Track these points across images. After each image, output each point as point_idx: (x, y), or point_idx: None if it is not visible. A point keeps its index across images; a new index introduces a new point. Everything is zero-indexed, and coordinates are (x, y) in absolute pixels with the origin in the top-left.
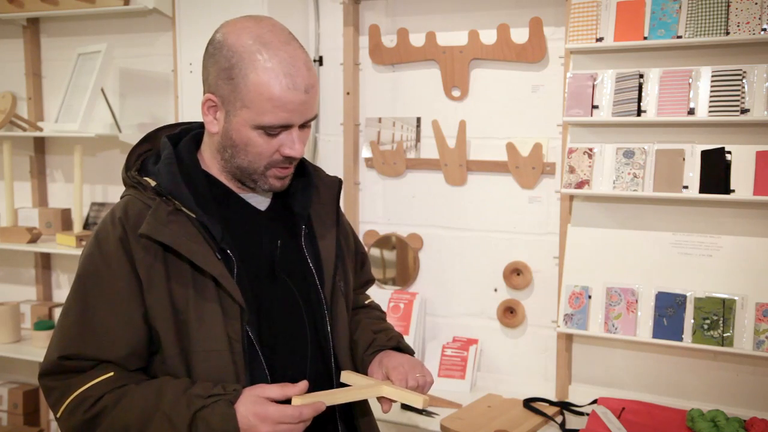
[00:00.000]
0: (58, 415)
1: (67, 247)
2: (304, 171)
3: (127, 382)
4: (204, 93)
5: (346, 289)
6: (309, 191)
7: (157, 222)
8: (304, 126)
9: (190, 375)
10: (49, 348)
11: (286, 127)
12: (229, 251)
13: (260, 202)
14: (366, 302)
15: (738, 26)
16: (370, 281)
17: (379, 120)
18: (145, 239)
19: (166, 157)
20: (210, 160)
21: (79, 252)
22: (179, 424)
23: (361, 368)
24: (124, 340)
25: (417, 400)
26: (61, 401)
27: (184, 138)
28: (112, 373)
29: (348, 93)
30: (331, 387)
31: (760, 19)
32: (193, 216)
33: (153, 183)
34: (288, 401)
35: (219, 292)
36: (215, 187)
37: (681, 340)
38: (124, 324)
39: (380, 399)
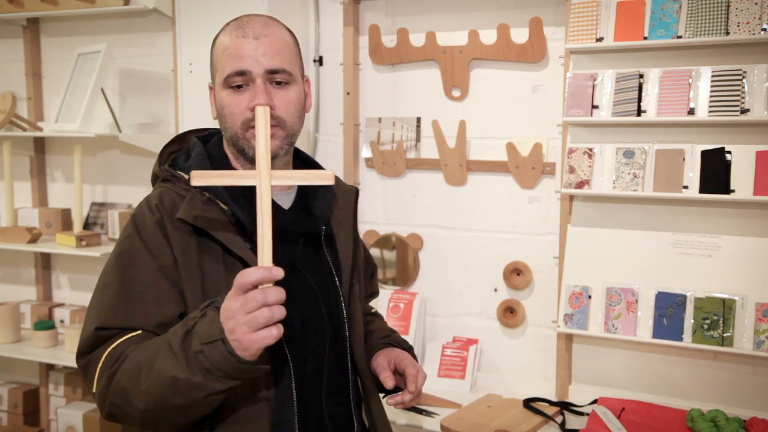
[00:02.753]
0: (94, 388)
1: (67, 247)
2: None
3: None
4: None
5: (359, 292)
6: (328, 196)
7: (193, 209)
8: (277, 84)
9: None
10: (85, 324)
11: (246, 79)
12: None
13: (284, 200)
14: (373, 311)
15: (738, 26)
16: (376, 293)
17: (379, 120)
18: (181, 223)
19: (197, 154)
20: (230, 156)
21: (79, 252)
22: (175, 344)
23: (370, 348)
24: (158, 313)
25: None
26: (95, 369)
27: (213, 139)
28: (139, 331)
29: (348, 93)
30: (347, 384)
31: (760, 19)
32: (225, 208)
33: (187, 177)
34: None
35: None
36: None
37: (681, 340)
38: (159, 299)
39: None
